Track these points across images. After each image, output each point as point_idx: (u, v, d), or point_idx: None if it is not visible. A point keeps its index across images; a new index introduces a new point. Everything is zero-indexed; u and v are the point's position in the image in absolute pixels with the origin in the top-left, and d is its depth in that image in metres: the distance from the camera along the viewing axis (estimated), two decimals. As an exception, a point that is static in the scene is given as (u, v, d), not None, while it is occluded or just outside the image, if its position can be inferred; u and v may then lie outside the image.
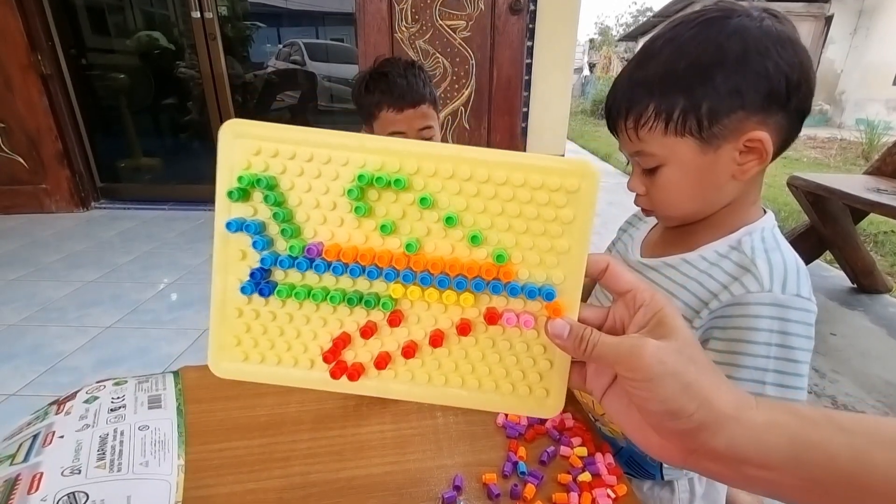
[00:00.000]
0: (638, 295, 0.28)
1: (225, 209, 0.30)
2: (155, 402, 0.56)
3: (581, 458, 0.52)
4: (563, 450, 0.53)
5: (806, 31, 10.14)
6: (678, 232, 0.58)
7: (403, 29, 2.52)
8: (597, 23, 39.88)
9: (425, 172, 0.29)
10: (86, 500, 0.40)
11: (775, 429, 0.24)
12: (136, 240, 2.49)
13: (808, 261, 2.18)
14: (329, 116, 3.82)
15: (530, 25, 2.58)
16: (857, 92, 9.93)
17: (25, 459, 0.43)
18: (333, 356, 0.32)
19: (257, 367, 0.33)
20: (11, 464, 0.43)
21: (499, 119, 2.68)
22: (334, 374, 0.31)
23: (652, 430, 0.27)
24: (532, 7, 2.55)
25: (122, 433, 0.48)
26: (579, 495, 0.48)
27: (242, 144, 0.29)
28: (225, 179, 0.30)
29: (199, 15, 2.73)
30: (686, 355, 0.25)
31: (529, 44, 2.63)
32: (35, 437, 0.46)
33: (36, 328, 1.64)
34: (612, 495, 0.48)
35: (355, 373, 0.32)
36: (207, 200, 3.04)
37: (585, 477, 0.50)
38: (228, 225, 0.30)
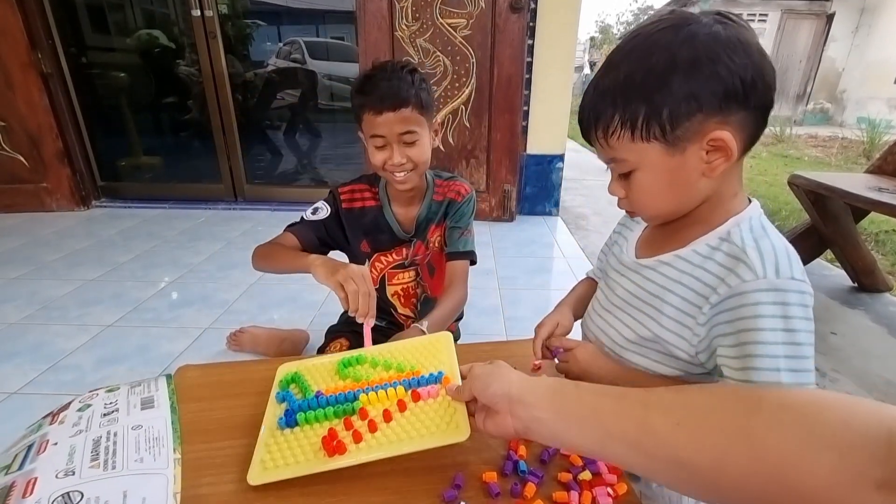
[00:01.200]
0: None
1: (277, 388, 0.64)
2: (147, 404, 0.56)
3: (581, 456, 0.52)
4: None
5: (807, 30, 10.13)
6: (669, 230, 0.60)
7: (404, 27, 2.52)
8: (597, 21, 39.86)
9: (373, 354, 0.68)
10: (80, 499, 0.40)
11: (536, 383, 0.45)
12: (136, 238, 2.48)
13: (808, 259, 2.18)
14: (329, 115, 3.81)
15: (531, 23, 2.57)
16: (858, 90, 9.91)
17: (20, 468, 0.43)
18: (329, 442, 0.52)
19: (278, 469, 0.51)
20: (7, 473, 0.43)
21: (499, 117, 2.67)
22: (329, 453, 0.51)
23: (498, 414, 0.46)
24: (533, 5, 2.54)
25: (115, 434, 0.48)
26: (579, 494, 0.48)
27: (287, 368, 0.69)
28: (278, 378, 0.67)
29: (199, 13, 2.72)
30: (494, 368, 0.50)
31: (530, 42, 2.62)
32: (29, 447, 0.47)
33: (37, 326, 1.64)
34: (613, 494, 0.48)
35: (341, 448, 0.52)
36: (208, 199, 3.08)
37: (586, 475, 0.50)
38: (277, 395, 0.62)
